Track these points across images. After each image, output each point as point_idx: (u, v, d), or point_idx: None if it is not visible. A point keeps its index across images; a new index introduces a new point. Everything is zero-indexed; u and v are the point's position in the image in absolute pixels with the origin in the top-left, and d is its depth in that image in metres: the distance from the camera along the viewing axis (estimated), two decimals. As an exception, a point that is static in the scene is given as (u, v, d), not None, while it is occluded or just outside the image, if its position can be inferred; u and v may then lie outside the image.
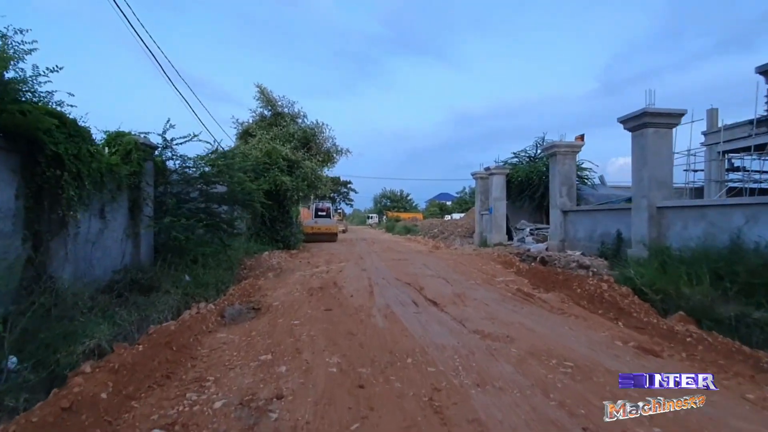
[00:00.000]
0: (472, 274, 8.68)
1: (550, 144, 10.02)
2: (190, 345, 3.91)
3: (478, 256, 11.83)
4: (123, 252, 5.95)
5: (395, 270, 9.39)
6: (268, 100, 15.92)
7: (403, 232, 30.03)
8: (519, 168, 14.91)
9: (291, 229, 15.05)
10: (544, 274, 7.79)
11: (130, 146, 6.05)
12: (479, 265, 10.11)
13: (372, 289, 6.93)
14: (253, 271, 9.31)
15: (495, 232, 14.21)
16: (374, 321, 4.91)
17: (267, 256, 11.48)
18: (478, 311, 5.47)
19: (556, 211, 10.17)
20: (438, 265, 10.29)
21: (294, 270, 9.75)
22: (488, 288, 7.26)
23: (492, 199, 14.41)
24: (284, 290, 7.05)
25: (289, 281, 8.01)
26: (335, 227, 21.59)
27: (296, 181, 14.07)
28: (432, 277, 8.34)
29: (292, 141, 15.00)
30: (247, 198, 8.20)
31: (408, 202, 72.59)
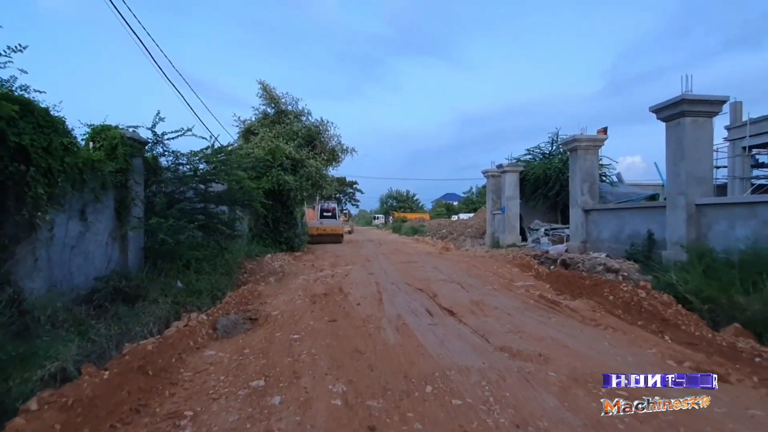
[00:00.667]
0: (488, 279, 8.05)
1: (570, 138, 9.36)
2: (171, 367, 3.35)
3: (492, 258, 11.19)
4: (108, 257, 5.43)
5: (405, 274, 8.79)
6: (271, 98, 15.44)
7: (410, 232, 29.42)
8: (533, 165, 14.22)
9: (295, 230, 14.52)
10: (568, 279, 7.14)
11: (116, 141, 5.55)
12: (494, 268, 9.47)
13: (381, 296, 6.34)
14: (253, 275, 8.77)
15: (508, 233, 13.54)
16: (384, 335, 4.32)
17: (269, 259, 10.95)
18: (501, 322, 4.86)
19: (576, 210, 9.50)
20: (450, 268, 9.67)
21: (297, 274, 9.20)
22: (508, 294, 6.63)
23: (505, 198, 13.75)
24: (285, 297, 6.49)
25: (291, 287, 7.45)
26: (341, 228, 21.04)
27: (300, 181, 13.54)
28: (445, 281, 7.72)
29: (296, 139, 14.49)
30: (246, 198, 7.66)
31: (414, 203, 71.95)
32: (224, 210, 8.15)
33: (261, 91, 15.40)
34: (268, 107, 15.80)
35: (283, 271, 9.54)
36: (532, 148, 15.29)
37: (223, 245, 7.10)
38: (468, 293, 6.62)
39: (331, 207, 23.76)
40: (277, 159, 12.96)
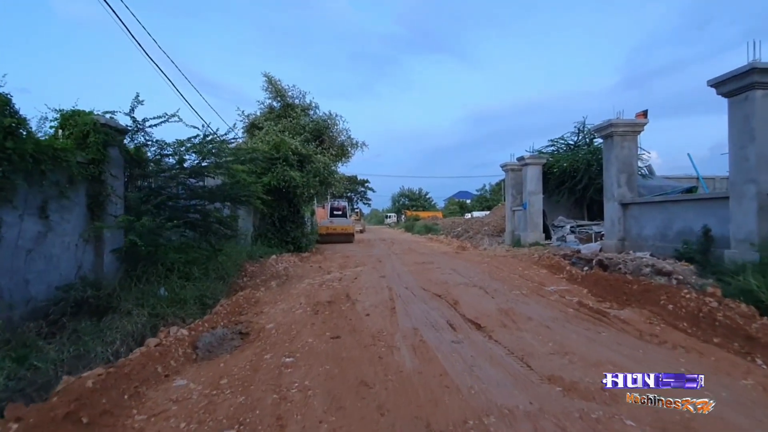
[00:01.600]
0: (514, 282, 7.13)
1: (604, 123, 8.32)
2: (120, 408, 2.57)
3: (515, 259, 10.23)
4: (79, 262, 4.70)
5: (420, 277, 7.93)
6: (277, 91, 14.72)
7: (423, 231, 28.49)
8: (558, 157, 13.13)
9: (302, 229, 13.78)
10: (610, 283, 6.18)
11: (87, 128, 4.82)
12: (519, 269, 8.53)
13: (394, 304, 5.50)
14: (254, 278, 8.03)
15: (530, 230, 12.54)
16: (398, 358, 3.47)
17: (273, 261, 10.21)
18: (540, 339, 3.97)
19: (612, 205, 8.47)
20: (470, 269, 8.77)
21: (302, 277, 8.43)
22: (540, 301, 5.72)
23: (526, 193, 12.74)
24: (285, 305, 5.71)
25: (294, 292, 6.67)
26: (351, 227, 20.27)
27: (307, 177, 12.77)
28: (466, 285, 6.83)
29: (302, 134, 13.73)
30: (242, 194, 6.88)
31: (427, 201, 70.86)
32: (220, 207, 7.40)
33: (266, 84, 14.71)
34: (274, 101, 15.09)
35: (286, 274, 8.78)
36: (555, 139, 14.23)
37: (217, 246, 6.33)
38: (494, 300, 5.73)
39: (342, 205, 23.03)
40: (282, 154, 12.21)
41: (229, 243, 9.18)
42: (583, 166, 12.11)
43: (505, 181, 14.71)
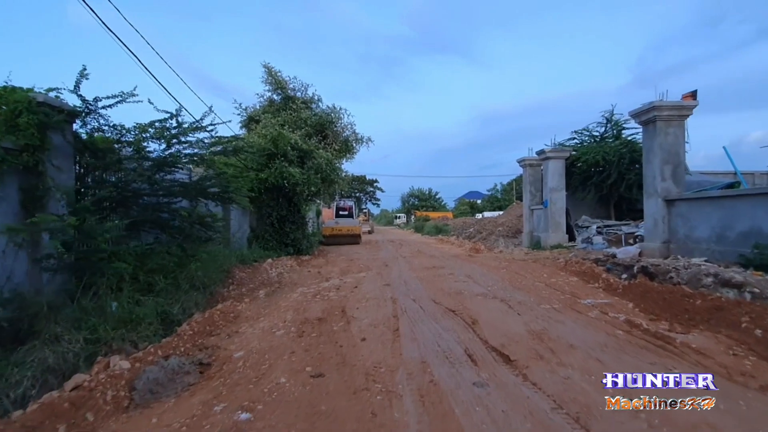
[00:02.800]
0: (541, 293, 6.06)
1: (646, 106, 7.14)
2: None
3: (537, 263, 9.12)
4: (8, 272, 3.80)
5: (430, 285, 6.90)
6: (277, 83, 13.82)
7: (433, 232, 27.40)
8: (584, 149, 11.89)
9: (303, 230, 12.85)
10: (663, 297, 5.07)
11: (19, 107, 3.92)
12: (544, 276, 7.44)
13: (397, 324, 4.48)
14: (241, 287, 7.11)
15: (552, 231, 11.39)
16: (400, 418, 2.46)
17: (268, 265, 9.29)
18: (593, 380, 2.91)
19: (655, 201, 7.31)
20: (486, 276, 7.70)
21: (296, 285, 7.47)
22: (578, 319, 4.65)
23: (547, 190, 11.60)
24: (267, 322, 4.74)
25: (282, 305, 5.71)
26: (358, 228, 19.32)
27: (307, 174, 11.84)
28: (484, 297, 5.79)
29: (303, 127, 12.80)
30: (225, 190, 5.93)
31: (437, 201, 69.69)
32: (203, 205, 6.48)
33: (265, 75, 13.80)
34: (274, 94, 14.19)
35: (279, 282, 7.83)
36: (579, 131, 13.03)
37: (190, 252, 5.38)
38: (521, 318, 4.67)
39: (348, 205, 22.09)
40: (280, 149, 11.29)
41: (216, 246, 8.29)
42: (615, 158, 10.90)
43: (523, 177, 13.58)
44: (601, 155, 11.03)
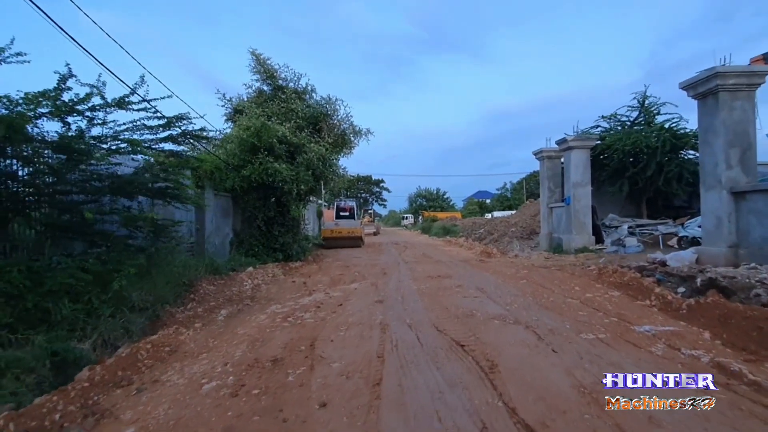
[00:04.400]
0: (576, 314, 4.65)
1: (705, 74, 5.59)
2: None
3: (563, 272, 7.67)
4: None
5: (433, 303, 5.52)
6: (266, 71, 12.52)
7: (441, 233, 25.94)
8: (614, 137, 10.30)
9: (294, 234, 11.54)
10: (754, 323, 3.64)
11: None
12: (576, 289, 6.02)
13: (381, 372, 3.12)
14: (202, 304, 5.82)
15: (576, 232, 9.90)
16: None
17: (246, 275, 8.01)
18: None
19: (717, 194, 5.82)
20: (503, 289, 6.30)
21: (271, 301, 6.17)
22: (640, 359, 3.25)
23: (570, 186, 10.11)
24: (204, 365, 3.44)
25: (239, 333, 4.40)
26: (359, 230, 17.98)
27: (297, 170, 10.54)
28: (503, 321, 4.40)
29: (293, 119, 11.51)
30: (161, 186, 4.62)
31: (445, 201, 68.20)
32: (138, 204, 5.19)
33: (253, 63, 12.51)
34: (264, 84, 12.91)
35: (253, 296, 6.53)
36: (607, 116, 11.47)
37: (111, 266, 4.06)
38: (560, 358, 3.29)
39: (349, 206, 20.76)
40: (264, 142, 10.01)
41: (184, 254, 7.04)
42: (657, 146, 9.35)
43: (540, 171, 12.09)
44: (638, 143, 9.45)
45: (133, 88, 4.23)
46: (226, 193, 10.15)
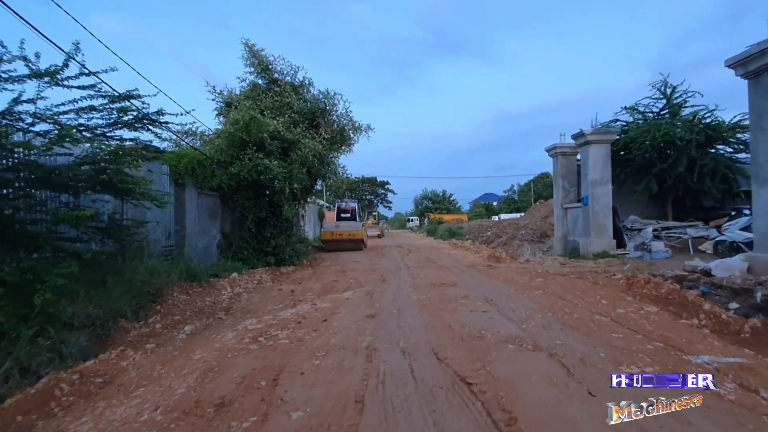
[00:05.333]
0: (608, 335, 3.78)
1: (758, 47, 4.74)
2: None
3: (584, 280, 6.78)
4: None
5: (434, 318, 4.68)
6: (260, 63, 11.78)
7: (446, 236, 25.03)
8: (641, 129, 9.32)
9: (287, 236, 10.75)
10: None
11: None
12: (603, 303, 5.13)
13: (357, 423, 2.29)
14: (168, 317, 5.06)
15: (595, 235, 8.99)
16: None
17: (229, 282, 7.24)
18: None
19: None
20: (517, 301, 5.44)
21: (248, 313, 5.37)
22: (710, 407, 2.38)
23: (588, 184, 9.20)
24: (129, 410, 2.65)
25: (194, 358, 3.61)
26: (361, 232, 17.17)
27: (290, 168, 9.78)
28: (519, 346, 3.54)
29: (287, 114, 10.75)
30: (108, 180, 3.85)
31: (451, 203, 67.24)
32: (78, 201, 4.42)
33: (247, 54, 11.77)
34: (259, 78, 12.17)
35: (228, 308, 5.74)
36: (630, 107, 10.49)
37: (34, 275, 3.29)
38: (599, 405, 2.43)
39: (351, 207, 19.97)
40: (253, 136, 9.26)
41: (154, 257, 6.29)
42: (693, 136, 8.40)
43: (554, 169, 11.17)
44: (669, 135, 8.47)
45: (69, 54, 3.47)
46: (213, 191, 9.41)
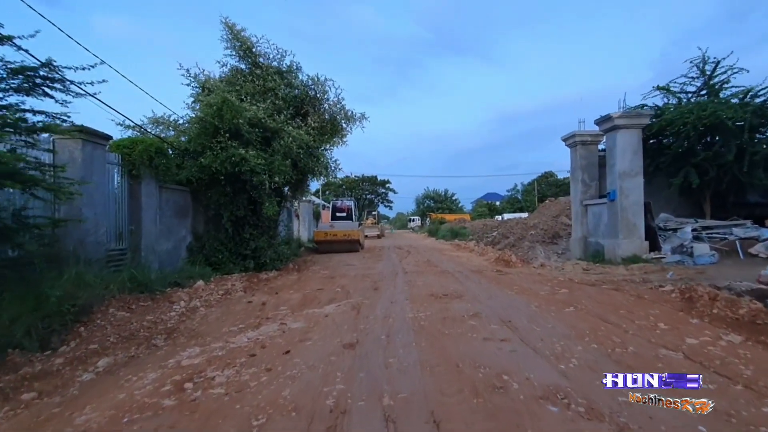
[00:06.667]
0: (710, 393, 2.53)
1: None
2: None
3: (621, 293, 5.51)
4: None
5: (434, 348, 3.43)
6: (242, 46, 10.52)
7: (449, 236, 23.77)
8: (678, 110, 7.95)
9: (269, 237, 9.51)
10: None
11: None
12: (659, 326, 3.87)
13: None
14: (85, 344, 3.83)
15: (624, 236, 7.71)
16: None
17: (189, 292, 6.02)
18: None
19: None
20: (542, 322, 4.17)
21: (194, 338, 4.14)
22: None
23: (615, 176, 7.92)
24: None
25: (79, 420, 2.37)
26: (357, 233, 15.94)
27: (271, 159, 8.56)
28: (567, 410, 2.29)
29: (269, 98, 9.54)
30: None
31: (453, 203, 65.98)
32: None
33: (227, 35, 10.50)
34: (242, 62, 10.93)
35: (171, 330, 4.50)
36: (662, 87, 9.18)
37: None
38: None
39: (346, 206, 18.73)
40: (227, 122, 8.04)
41: (92, 264, 5.09)
42: (747, 117, 7.10)
43: (571, 161, 9.88)
44: (718, 117, 7.11)
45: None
46: (182, 186, 8.20)
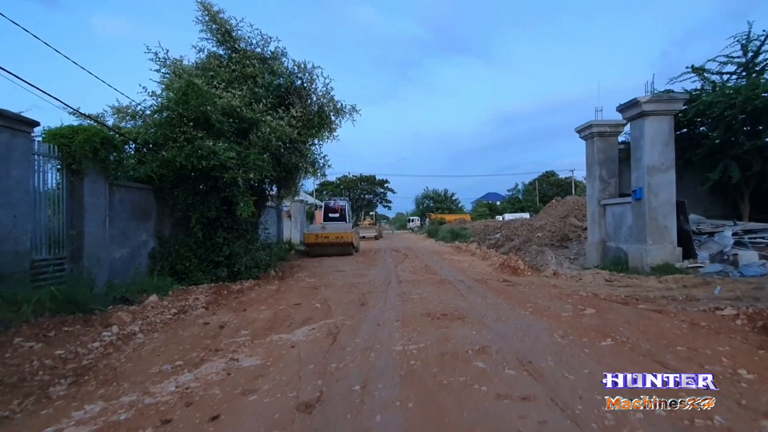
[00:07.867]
0: None
1: None
2: None
3: (666, 315, 4.42)
4: None
5: (428, 416, 2.35)
6: (220, 29, 9.44)
7: (449, 237, 22.70)
8: (719, 92, 6.85)
9: (246, 242, 8.41)
10: None
11: None
12: (740, 374, 2.79)
13: None
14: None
15: (653, 241, 6.63)
16: None
17: (134, 312, 4.93)
18: None
19: None
20: (576, 364, 3.09)
21: (104, 385, 3.06)
22: None
23: (642, 171, 6.83)
24: None
25: None
26: (350, 235, 14.87)
27: (247, 153, 7.49)
28: None
29: (246, 85, 8.47)
30: None
31: (453, 203, 64.87)
32: None
33: (203, 17, 9.41)
34: (220, 48, 9.86)
35: (80, 372, 3.40)
36: (697, 68, 8.06)
37: None
38: None
39: (339, 206, 17.66)
40: (191, 109, 6.97)
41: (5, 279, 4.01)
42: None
43: (587, 155, 8.78)
44: (739, 105, 6.01)
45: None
46: (142, 183, 7.13)
